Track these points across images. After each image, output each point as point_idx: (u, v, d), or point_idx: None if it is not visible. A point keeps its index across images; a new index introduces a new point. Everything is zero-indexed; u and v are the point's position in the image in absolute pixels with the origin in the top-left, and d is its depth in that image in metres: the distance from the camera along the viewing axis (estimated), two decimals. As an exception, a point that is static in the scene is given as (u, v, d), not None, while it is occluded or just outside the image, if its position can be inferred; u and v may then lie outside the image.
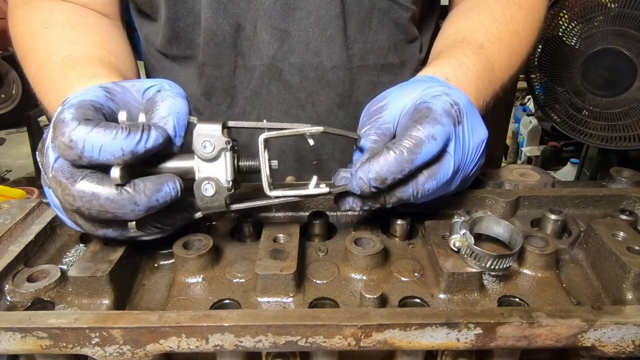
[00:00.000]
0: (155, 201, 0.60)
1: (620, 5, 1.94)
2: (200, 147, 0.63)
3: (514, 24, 0.95)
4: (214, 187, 0.64)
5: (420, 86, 0.75)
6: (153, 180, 0.60)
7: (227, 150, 0.64)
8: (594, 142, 2.20)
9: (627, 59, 2.00)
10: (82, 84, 0.77)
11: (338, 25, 0.97)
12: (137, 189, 0.58)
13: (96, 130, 0.56)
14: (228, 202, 0.66)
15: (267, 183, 0.66)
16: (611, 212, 0.80)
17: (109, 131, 0.56)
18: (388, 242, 0.75)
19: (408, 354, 0.58)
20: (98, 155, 0.56)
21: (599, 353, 0.55)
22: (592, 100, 2.14)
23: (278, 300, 0.64)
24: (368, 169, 0.65)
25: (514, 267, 0.67)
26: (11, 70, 5.24)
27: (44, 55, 0.88)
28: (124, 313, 0.55)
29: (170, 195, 0.61)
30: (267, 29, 0.97)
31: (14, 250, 0.68)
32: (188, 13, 0.97)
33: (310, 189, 0.67)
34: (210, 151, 0.63)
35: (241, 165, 0.68)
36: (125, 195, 0.57)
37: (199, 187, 0.64)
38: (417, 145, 0.65)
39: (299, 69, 1.00)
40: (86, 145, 0.56)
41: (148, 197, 0.59)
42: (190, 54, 1.04)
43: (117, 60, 0.91)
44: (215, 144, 0.63)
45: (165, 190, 0.60)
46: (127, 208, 0.58)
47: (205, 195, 0.64)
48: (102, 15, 1.02)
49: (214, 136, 0.63)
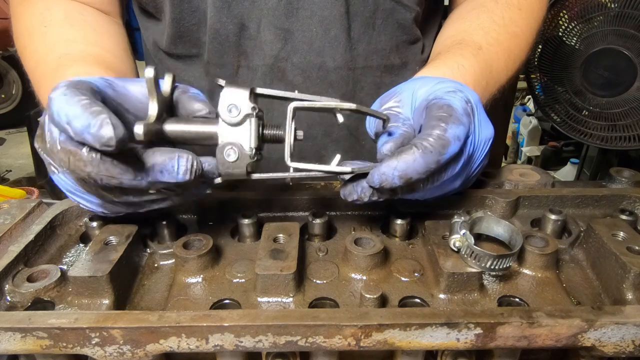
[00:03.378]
0: (160, 177, 0.58)
1: (620, 5, 1.94)
2: (225, 111, 0.62)
3: (513, 27, 0.96)
4: (237, 153, 0.63)
5: (431, 81, 0.75)
6: (163, 153, 0.59)
7: (252, 117, 0.63)
8: (594, 142, 2.20)
9: (627, 59, 1.99)
10: None
11: (342, 26, 0.97)
12: (146, 158, 0.57)
13: (77, 105, 0.53)
14: (249, 170, 0.65)
15: (290, 153, 0.64)
16: (611, 212, 0.80)
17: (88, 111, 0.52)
18: (388, 242, 0.75)
19: (408, 354, 0.58)
20: (82, 134, 0.53)
21: (599, 353, 0.55)
22: (592, 100, 2.14)
23: (278, 300, 0.64)
24: (394, 166, 0.63)
25: (514, 267, 0.67)
26: (11, 70, 5.24)
27: (41, 54, 0.88)
28: (124, 313, 0.55)
29: (174, 175, 0.58)
30: (270, 29, 0.96)
31: (14, 250, 0.68)
32: (193, 12, 0.97)
33: (332, 166, 0.65)
34: (236, 115, 0.62)
35: (266, 133, 0.66)
36: (131, 164, 0.56)
37: (222, 151, 0.63)
38: (444, 146, 0.64)
39: (302, 70, 1.00)
40: (71, 120, 0.53)
41: (151, 172, 0.58)
42: (195, 53, 1.04)
43: (114, 59, 0.91)
44: (241, 108, 0.62)
45: (170, 168, 0.58)
46: (131, 176, 0.57)
47: (227, 160, 0.63)
48: (101, 13, 1.01)
49: (240, 101, 0.62)
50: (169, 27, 1.00)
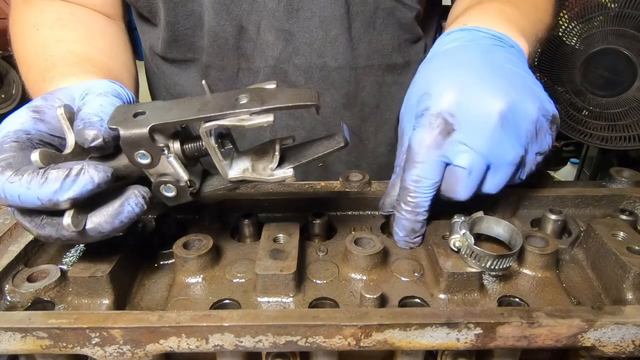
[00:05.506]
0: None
1: (620, 5, 1.94)
2: (136, 160, 0.57)
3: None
4: (174, 189, 0.60)
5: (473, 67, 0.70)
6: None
7: (168, 156, 0.57)
8: (594, 142, 2.20)
9: (627, 59, 1.99)
10: (53, 86, 0.74)
11: (342, 26, 0.97)
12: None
13: (10, 180, 0.52)
14: (194, 192, 0.61)
15: (224, 169, 0.60)
16: (611, 212, 0.80)
17: (23, 179, 0.52)
18: (388, 242, 0.75)
19: (408, 354, 0.58)
20: (20, 203, 0.53)
21: (599, 353, 0.55)
22: (592, 100, 2.14)
23: (278, 300, 0.64)
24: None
25: (514, 267, 0.67)
26: (11, 70, 5.23)
27: (32, 58, 0.87)
28: (124, 313, 0.55)
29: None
30: (270, 30, 0.96)
31: (14, 250, 0.68)
32: (188, 16, 0.97)
33: (275, 173, 0.59)
34: (149, 161, 0.58)
35: (188, 153, 0.60)
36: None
37: (158, 189, 0.60)
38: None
39: (304, 70, 1.00)
40: (6, 195, 0.53)
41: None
42: (190, 57, 1.03)
43: (104, 57, 0.90)
44: (150, 153, 0.57)
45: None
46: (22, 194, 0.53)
47: (168, 195, 0.60)
48: (99, 14, 1.01)
49: (145, 145, 0.56)
50: (163, 32, 1.00)
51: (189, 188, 0.60)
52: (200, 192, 0.62)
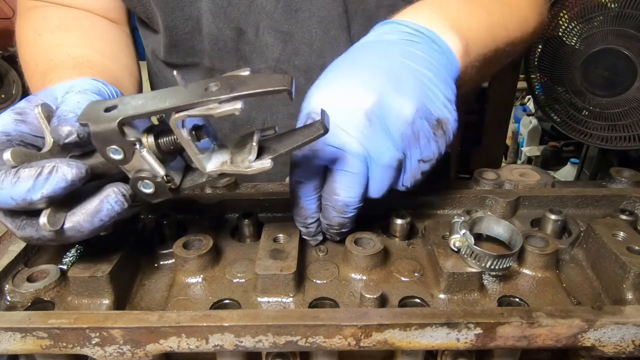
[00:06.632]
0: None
1: (620, 5, 1.94)
2: (109, 156, 0.55)
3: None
4: (152, 185, 0.58)
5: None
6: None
7: (140, 151, 0.55)
8: (594, 142, 2.20)
9: (627, 59, 2.00)
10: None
11: (341, 25, 0.96)
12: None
13: None
14: (173, 188, 0.60)
15: (201, 162, 0.58)
16: (611, 212, 0.80)
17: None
18: (388, 242, 0.75)
19: (408, 354, 0.58)
20: None
21: (599, 353, 0.55)
22: (592, 100, 2.14)
23: (278, 300, 0.64)
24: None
25: (514, 267, 0.67)
26: (11, 70, 5.23)
27: (34, 62, 0.88)
28: (124, 313, 0.55)
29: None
30: (269, 32, 0.96)
31: (14, 250, 0.68)
32: (186, 20, 0.96)
33: (252, 165, 0.57)
34: (122, 157, 0.56)
35: (163, 148, 0.57)
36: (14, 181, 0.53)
37: (135, 186, 0.58)
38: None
39: (304, 71, 1.00)
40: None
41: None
42: (191, 62, 1.03)
43: (105, 59, 0.90)
44: (122, 148, 0.55)
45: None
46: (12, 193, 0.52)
47: (146, 192, 0.58)
48: (103, 18, 1.01)
49: (115, 140, 0.54)
50: (163, 37, 1.00)
51: (167, 184, 0.58)
52: (180, 188, 0.61)
